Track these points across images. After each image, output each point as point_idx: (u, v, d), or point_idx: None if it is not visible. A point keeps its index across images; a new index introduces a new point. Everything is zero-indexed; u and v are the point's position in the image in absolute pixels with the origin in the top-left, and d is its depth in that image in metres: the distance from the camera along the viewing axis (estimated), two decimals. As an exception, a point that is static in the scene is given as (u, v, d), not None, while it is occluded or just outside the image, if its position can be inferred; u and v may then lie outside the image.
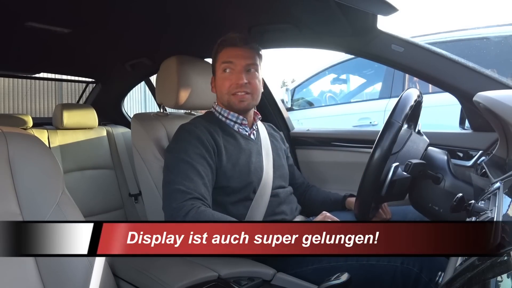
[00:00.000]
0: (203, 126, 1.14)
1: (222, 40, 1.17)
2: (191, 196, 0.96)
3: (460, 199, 0.66)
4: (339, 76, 4.18)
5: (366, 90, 3.96)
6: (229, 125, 1.20)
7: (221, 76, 1.16)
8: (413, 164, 0.85)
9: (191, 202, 0.95)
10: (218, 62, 1.17)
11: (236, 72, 1.13)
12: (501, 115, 0.78)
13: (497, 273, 0.37)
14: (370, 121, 3.21)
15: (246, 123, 1.21)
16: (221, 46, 1.17)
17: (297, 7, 1.17)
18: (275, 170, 1.21)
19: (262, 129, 1.30)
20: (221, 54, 1.16)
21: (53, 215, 0.81)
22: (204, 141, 1.08)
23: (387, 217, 1.10)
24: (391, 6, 0.94)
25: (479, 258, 0.43)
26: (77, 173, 1.94)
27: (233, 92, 1.15)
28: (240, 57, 1.13)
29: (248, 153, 1.16)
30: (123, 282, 0.85)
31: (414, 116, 1.06)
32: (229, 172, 1.10)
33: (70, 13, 1.29)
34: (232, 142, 1.15)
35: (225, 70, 1.15)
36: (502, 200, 0.58)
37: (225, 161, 1.10)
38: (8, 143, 0.82)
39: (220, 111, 1.21)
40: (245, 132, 1.22)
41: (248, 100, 1.16)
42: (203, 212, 0.93)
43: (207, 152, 1.07)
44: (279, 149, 1.31)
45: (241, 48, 1.14)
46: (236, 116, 1.19)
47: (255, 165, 1.15)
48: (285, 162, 1.30)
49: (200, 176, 1.02)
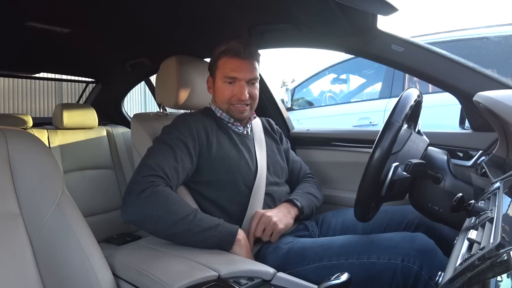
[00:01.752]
0: (198, 117, 1.16)
1: (226, 48, 1.15)
2: (155, 174, 0.97)
3: (460, 199, 0.66)
4: (339, 76, 4.18)
5: (366, 90, 3.96)
6: (223, 120, 1.21)
7: (223, 86, 1.17)
8: (413, 164, 0.85)
9: (152, 179, 0.95)
10: (219, 70, 1.17)
11: (238, 86, 1.15)
12: (501, 115, 0.78)
13: (497, 273, 0.37)
14: (370, 121, 3.21)
15: (239, 124, 1.23)
16: (224, 54, 1.16)
17: (297, 7, 1.17)
18: (269, 165, 1.21)
19: (257, 124, 1.31)
20: (223, 62, 1.16)
21: (53, 215, 0.81)
22: (193, 130, 1.10)
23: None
24: (391, 6, 0.94)
25: (479, 258, 0.43)
26: (77, 173, 1.94)
27: (233, 103, 1.17)
28: (243, 71, 1.14)
29: (240, 148, 1.17)
30: (123, 282, 0.85)
31: (414, 116, 1.06)
32: (218, 164, 1.10)
33: (70, 13, 1.29)
34: (224, 137, 1.17)
35: (228, 82, 1.16)
36: (502, 200, 0.58)
37: (214, 153, 1.10)
38: (8, 143, 0.82)
39: (214, 110, 1.23)
40: (238, 129, 1.23)
41: (247, 111, 1.20)
42: (159, 192, 0.94)
43: (192, 141, 1.08)
44: (274, 145, 1.31)
45: (245, 61, 1.14)
46: (229, 118, 1.22)
47: (247, 159, 1.15)
48: (280, 158, 1.30)
49: (175, 159, 1.02)
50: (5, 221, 0.78)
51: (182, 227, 0.92)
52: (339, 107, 3.85)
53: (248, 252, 0.99)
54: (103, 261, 0.84)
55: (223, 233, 0.96)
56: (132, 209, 0.93)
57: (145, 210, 0.92)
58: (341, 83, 4.33)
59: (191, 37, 1.50)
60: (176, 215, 0.93)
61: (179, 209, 0.94)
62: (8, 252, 0.76)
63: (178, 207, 0.94)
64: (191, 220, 0.93)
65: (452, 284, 0.44)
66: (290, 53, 77.57)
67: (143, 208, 0.92)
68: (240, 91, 1.14)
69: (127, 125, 2.30)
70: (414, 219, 1.11)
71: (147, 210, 0.92)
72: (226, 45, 1.15)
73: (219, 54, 1.17)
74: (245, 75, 1.14)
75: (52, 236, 0.80)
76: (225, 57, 1.15)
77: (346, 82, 4.29)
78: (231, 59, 1.14)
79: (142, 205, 0.92)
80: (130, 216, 0.94)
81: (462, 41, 2.83)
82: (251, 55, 1.15)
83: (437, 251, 0.88)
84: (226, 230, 0.97)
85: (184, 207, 0.96)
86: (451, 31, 3.00)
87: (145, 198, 0.92)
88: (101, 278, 0.80)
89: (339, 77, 4.20)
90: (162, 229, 0.93)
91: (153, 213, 0.92)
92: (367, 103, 3.53)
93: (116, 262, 0.90)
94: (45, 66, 2.12)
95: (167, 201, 0.94)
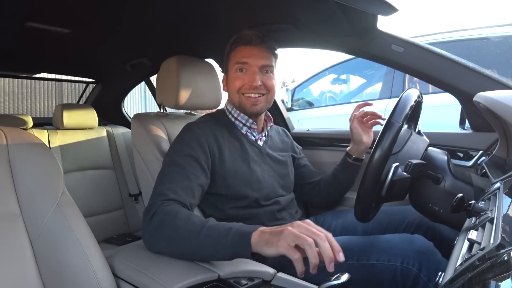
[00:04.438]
0: (208, 127, 1.09)
1: (237, 37, 1.11)
2: (165, 198, 0.90)
3: (460, 199, 0.66)
4: (339, 76, 4.19)
5: (366, 90, 3.96)
6: (237, 127, 1.16)
7: (234, 76, 1.11)
8: (413, 164, 0.85)
9: (161, 202, 0.88)
10: (231, 61, 1.12)
11: (250, 73, 1.09)
12: (501, 115, 0.78)
13: (497, 273, 0.37)
14: (370, 121, 3.20)
15: (255, 128, 1.17)
16: (235, 44, 1.12)
17: (297, 8, 1.16)
18: (279, 180, 1.18)
19: (272, 135, 1.27)
20: (234, 53, 1.12)
21: (53, 215, 0.81)
22: (204, 143, 1.03)
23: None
24: (391, 6, 0.94)
25: (479, 258, 0.43)
26: (77, 173, 1.95)
27: (244, 93, 1.10)
28: (255, 57, 1.08)
29: (252, 161, 1.12)
30: (123, 282, 0.85)
31: (414, 116, 1.06)
32: (231, 179, 1.06)
33: (70, 13, 1.29)
34: (237, 147, 1.11)
35: (239, 70, 1.10)
36: (502, 200, 0.58)
37: (227, 168, 1.06)
38: (8, 143, 0.82)
39: (231, 110, 1.17)
40: (253, 137, 1.17)
41: (261, 103, 1.11)
42: (167, 212, 0.85)
43: (204, 155, 1.02)
44: (287, 157, 1.27)
45: (257, 47, 1.09)
46: (246, 118, 1.15)
47: (258, 175, 1.11)
48: (290, 171, 1.26)
49: (187, 178, 0.95)
50: (5, 221, 0.78)
51: (196, 243, 0.79)
52: (339, 107, 3.85)
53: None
54: (103, 261, 0.84)
55: (234, 238, 0.75)
56: (147, 236, 0.86)
57: (156, 233, 0.84)
58: (341, 84, 4.33)
59: (192, 38, 1.50)
60: (184, 230, 0.80)
61: (187, 224, 0.81)
62: (8, 252, 0.76)
63: (187, 222, 0.82)
64: (198, 232, 0.79)
65: (452, 284, 0.44)
66: (290, 53, 77.63)
67: (155, 232, 0.84)
68: (252, 77, 1.08)
69: (127, 125, 2.30)
70: (414, 219, 1.10)
71: (158, 233, 0.84)
72: (237, 35, 1.12)
73: (230, 45, 1.13)
74: (256, 61, 1.08)
75: (52, 236, 0.80)
76: (237, 47, 1.11)
77: (346, 83, 4.30)
78: (242, 46, 1.10)
79: (154, 229, 0.84)
80: (147, 244, 0.86)
81: (462, 42, 2.83)
82: (263, 42, 1.10)
83: (436, 253, 0.88)
84: (238, 233, 0.75)
85: (193, 221, 0.82)
86: (451, 32, 3.01)
87: (156, 221, 0.85)
88: (101, 278, 0.80)
89: (339, 77, 4.20)
90: (176, 249, 0.82)
91: (166, 233, 0.82)
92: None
93: (116, 262, 0.90)
94: (45, 66, 2.12)
95: (175, 218, 0.83)
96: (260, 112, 1.14)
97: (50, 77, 3.08)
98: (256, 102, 1.11)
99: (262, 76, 1.10)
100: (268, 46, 1.11)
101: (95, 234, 0.87)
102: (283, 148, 1.28)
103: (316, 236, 0.67)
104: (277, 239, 0.69)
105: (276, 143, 1.26)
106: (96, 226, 1.80)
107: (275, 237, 0.70)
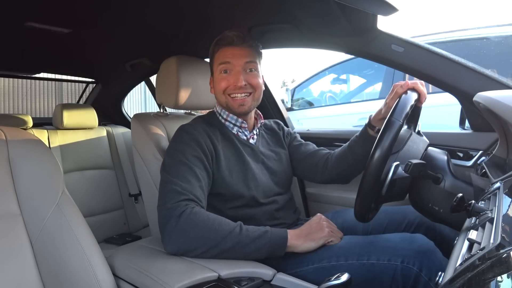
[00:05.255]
0: (202, 128, 1.10)
1: (218, 39, 1.13)
2: (186, 197, 0.93)
3: (460, 199, 0.66)
4: (339, 76, 4.19)
5: (366, 90, 3.96)
6: (228, 127, 1.16)
7: (219, 77, 1.12)
8: (413, 164, 0.85)
9: (186, 202, 0.92)
10: (215, 63, 1.14)
11: (234, 73, 1.10)
12: (501, 115, 0.78)
13: (497, 273, 0.37)
14: (370, 121, 3.21)
15: (246, 126, 1.18)
16: (217, 45, 1.13)
17: (297, 7, 1.17)
18: (274, 176, 1.18)
19: (264, 131, 1.27)
20: (218, 55, 1.13)
21: (53, 215, 0.81)
22: (202, 144, 1.05)
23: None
24: (391, 6, 0.94)
25: (479, 258, 0.43)
26: (77, 173, 1.95)
27: (230, 93, 1.11)
28: (237, 57, 1.09)
29: (246, 160, 1.12)
30: (123, 282, 0.85)
31: (414, 116, 1.06)
32: (227, 178, 1.07)
33: (70, 13, 1.29)
34: (230, 147, 1.12)
35: (223, 71, 1.11)
36: (502, 200, 0.58)
37: (223, 167, 1.07)
38: (8, 143, 0.82)
39: (220, 112, 1.18)
40: (244, 136, 1.18)
41: (248, 103, 1.12)
42: (198, 213, 0.91)
43: (205, 155, 1.04)
44: (282, 151, 1.26)
45: (238, 47, 1.10)
46: (235, 118, 1.16)
47: (252, 173, 1.11)
48: (286, 165, 1.25)
49: (197, 178, 0.99)
50: (5, 221, 0.78)
51: (232, 242, 0.89)
52: (339, 107, 3.86)
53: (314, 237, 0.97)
54: (103, 261, 0.84)
55: (273, 239, 0.92)
56: (175, 237, 0.89)
57: (189, 234, 0.89)
58: (341, 83, 4.33)
59: (191, 38, 1.51)
60: (223, 231, 0.90)
61: (222, 225, 0.91)
62: (8, 252, 0.76)
63: (221, 224, 0.91)
64: (238, 233, 0.91)
65: (452, 284, 0.44)
66: (290, 53, 77.61)
67: (187, 233, 0.89)
68: (236, 77, 1.08)
69: (127, 125, 2.30)
70: (414, 219, 1.10)
71: (191, 234, 0.89)
72: (218, 37, 1.13)
73: (213, 48, 1.15)
74: (239, 60, 1.09)
75: (52, 236, 0.80)
76: (219, 49, 1.13)
77: (346, 82, 4.30)
78: (224, 48, 1.11)
79: (184, 230, 0.89)
80: (174, 245, 0.90)
81: (462, 42, 2.84)
82: (244, 42, 1.10)
83: (437, 252, 0.88)
84: (276, 235, 0.93)
85: (227, 222, 0.93)
86: (451, 31, 3.01)
87: (186, 222, 0.89)
88: (101, 278, 0.81)
89: (339, 77, 4.20)
90: (212, 248, 0.89)
91: (199, 234, 0.89)
92: (367, 103, 3.53)
93: (116, 262, 0.90)
94: (45, 66, 2.12)
95: (208, 219, 0.91)
96: (248, 111, 1.15)
97: (50, 77, 3.08)
98: (243, 103, 1.11)
99: (246, 75, 1.11)
100: (250, 45, 1.12)
101: (95, 234, 0.87)
102: (276, 143, 1.27)
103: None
104: (318, 236, 0.97)
105: (268, 139, 1.27)
106: (96, 226, 1.80)
107: (315, 234, 0.97)
